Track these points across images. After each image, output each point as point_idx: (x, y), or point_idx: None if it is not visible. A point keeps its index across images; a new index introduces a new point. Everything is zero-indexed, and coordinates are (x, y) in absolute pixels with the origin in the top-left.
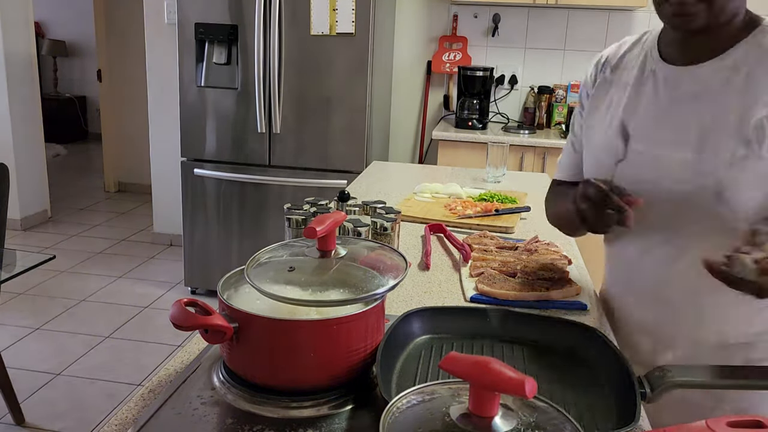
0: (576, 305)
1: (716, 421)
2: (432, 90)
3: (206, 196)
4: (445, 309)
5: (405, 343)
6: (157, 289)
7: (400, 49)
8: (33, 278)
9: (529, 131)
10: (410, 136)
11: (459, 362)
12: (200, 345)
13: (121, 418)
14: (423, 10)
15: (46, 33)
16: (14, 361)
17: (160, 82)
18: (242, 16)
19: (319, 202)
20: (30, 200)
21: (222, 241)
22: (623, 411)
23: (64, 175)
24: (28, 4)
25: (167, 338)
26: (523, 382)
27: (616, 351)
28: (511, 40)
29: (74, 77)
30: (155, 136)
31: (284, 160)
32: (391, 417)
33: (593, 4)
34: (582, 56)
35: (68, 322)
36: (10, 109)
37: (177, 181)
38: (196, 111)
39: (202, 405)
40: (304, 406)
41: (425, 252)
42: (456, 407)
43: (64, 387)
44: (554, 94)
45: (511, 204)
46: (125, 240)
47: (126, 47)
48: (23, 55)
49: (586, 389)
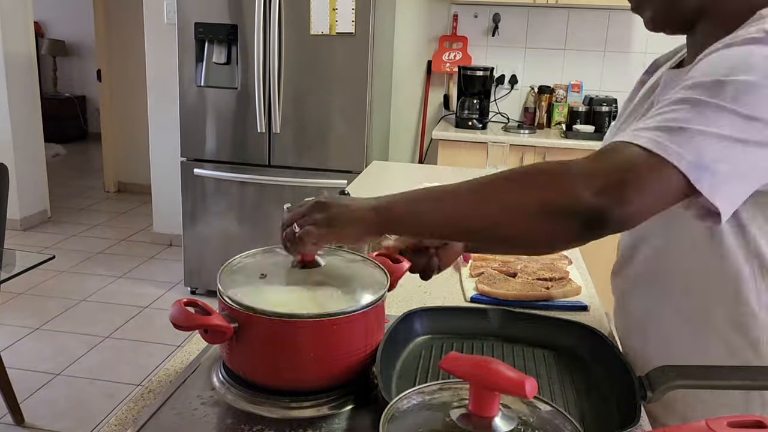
0: (576, 305)
1: (716, 421)
2: (432, 90)
3: (206, 196)
4: (445, 309)
5: (405, 343)
6: (157, 289)
7: (400, 49)
8: (33, 278)
9: (529, 131)
10: (410, 136)
11: (459, 362)
12: (200, 345)
13: (121, 418)
14: (423, 10)
15: (46, 33)
16: (14, 361)
17: (160, 82)
18: (242, 16)
19: None
20: (30, 200)
21: (222, 241)
22: (624, 411)
23: (63, 175)
24: (28, 4)
25: (167, 338)
26: (523, 382)
27: (616, 351)
28: (511, 40)
29: (74, 77)
30: (155, 136)
31: (284, 160)
32: (391, 417)
33: (593, 4)
34: (582, 56)
35: (68, 322)
36: (10, 109)
37: (177, 181)
38: (196, 111)
39: (202, 405)
40: (304, 406)
41: None
42: (456, 407)
43: (64, 387)
44: (554, 94)
45: None
46: (125, 240)
47: (126, 47)
48: (23, 54)
49: (587, 389)
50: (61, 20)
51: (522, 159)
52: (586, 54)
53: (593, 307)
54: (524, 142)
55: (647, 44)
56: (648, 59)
